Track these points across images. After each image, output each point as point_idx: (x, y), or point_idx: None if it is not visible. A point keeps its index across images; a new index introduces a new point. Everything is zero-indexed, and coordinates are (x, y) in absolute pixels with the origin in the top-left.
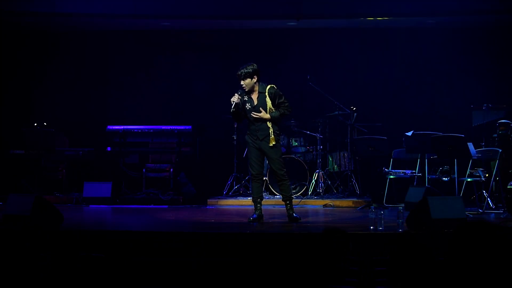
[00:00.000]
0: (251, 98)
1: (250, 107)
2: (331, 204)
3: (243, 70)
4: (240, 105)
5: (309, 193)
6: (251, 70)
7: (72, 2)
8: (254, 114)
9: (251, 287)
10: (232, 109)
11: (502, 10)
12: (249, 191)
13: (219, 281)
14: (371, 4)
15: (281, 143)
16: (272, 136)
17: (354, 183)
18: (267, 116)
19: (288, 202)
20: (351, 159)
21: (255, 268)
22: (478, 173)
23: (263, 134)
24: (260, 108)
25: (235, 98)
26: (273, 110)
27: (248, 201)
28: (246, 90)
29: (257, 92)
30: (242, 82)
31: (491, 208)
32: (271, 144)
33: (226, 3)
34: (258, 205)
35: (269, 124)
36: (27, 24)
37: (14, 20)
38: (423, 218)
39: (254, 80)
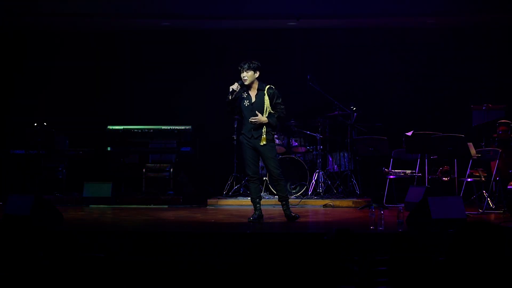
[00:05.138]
0: (250, 95)
1: (248, 104)
2: (331, 204)
3: (247, 63)
4: (237, 95)
5: (309, 193)
6: (256, 65)
7: (72, 2)
8: (253, 120)
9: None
10: (228, 96)
11: (502, 10)
12: (249, 191)
13: (219, 281)
14: (371, 4)
15: (281, 143)
16: (265, 135)
17: (354, 183)
18: (264, 119)
19: (284, 202)
20: (351, 159)
21: (255, 268)
22: (478, 173)
23: (257, 132)
24: (257, 112)
25: (234, 86)
26: (271, 110)
27: (248, 201)
28: (246, 83)
29: (255, 89)
30: (244, 74)
31: (491, 208)
32: (265, 142)
33: (226, 3)
34: (258, 205)
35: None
36: (27, 24)
37: (14, 20)
38: (423, 218)
39: (256, 75)
